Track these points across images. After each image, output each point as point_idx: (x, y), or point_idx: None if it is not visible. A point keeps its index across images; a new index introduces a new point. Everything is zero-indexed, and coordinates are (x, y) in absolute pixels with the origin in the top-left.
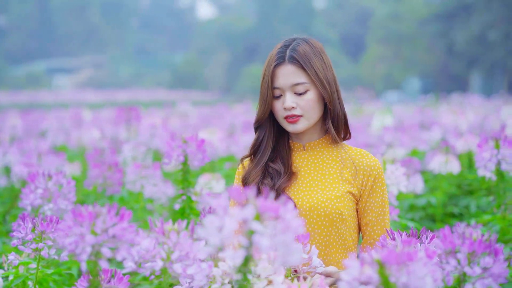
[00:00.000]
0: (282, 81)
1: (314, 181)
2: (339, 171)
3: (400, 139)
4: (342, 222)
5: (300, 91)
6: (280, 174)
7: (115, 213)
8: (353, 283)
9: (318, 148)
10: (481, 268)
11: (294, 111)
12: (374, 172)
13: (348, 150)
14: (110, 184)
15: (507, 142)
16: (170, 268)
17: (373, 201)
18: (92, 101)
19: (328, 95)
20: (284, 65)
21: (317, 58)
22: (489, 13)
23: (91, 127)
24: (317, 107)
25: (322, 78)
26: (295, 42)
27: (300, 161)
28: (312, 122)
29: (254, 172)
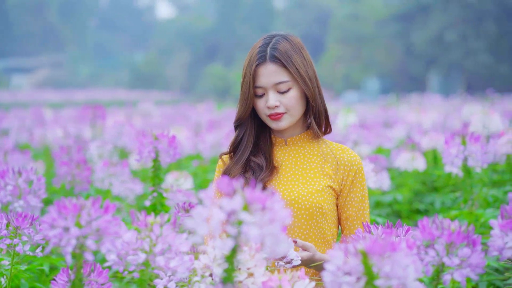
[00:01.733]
0: (264, 80)
1: (295, 175)
2: (320, 165)
3: (365, 137)
4: (322, 216)
5: (283, 90)
6: (262, 168)
7: (99, 206)
8: (337, 273)
9: (299, 143)
10: (459, 258)
11: (277, 109)
12: (354, 167)
13: (330, 145)
14: (78, 182)
15: (473, 139)
16: (153, 261)
17: (353, 196)
18: (51, 101)
19: (310, 91)
20: (265, 64)
21: (298, 55)
22: (447, 14)
23: (54, 126)
24: (300, 103)
25: (304, 75)
26: (275, 40)
27: (282, 155)
28: (295, 119)
29: (234, 168)
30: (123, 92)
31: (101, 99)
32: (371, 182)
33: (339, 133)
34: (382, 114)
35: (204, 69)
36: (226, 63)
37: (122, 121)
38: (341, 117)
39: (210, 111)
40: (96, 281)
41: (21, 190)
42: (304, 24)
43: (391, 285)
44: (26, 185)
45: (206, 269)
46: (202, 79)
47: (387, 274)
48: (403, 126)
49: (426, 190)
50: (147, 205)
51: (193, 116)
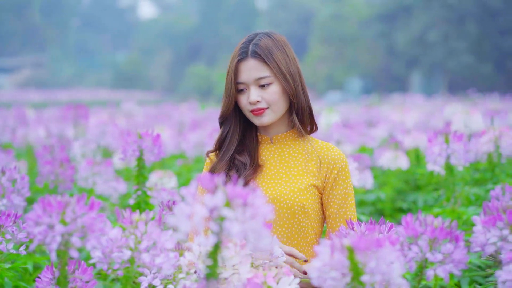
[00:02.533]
0: (245, 76)
1: (279, 174)
2: (304, 164)
3: (348, 136)
4: (304, 215)
5: (264, 85)
6: (245, 166)
7: (84, 203)
8: (323, 268)
9: (285, 141)
10: (442, 254)
11: (259, 105)
12: (338, 165)
13: (315, 143)
14: (61, 181)
15: (456, 137)
16: (138, 258)
17: (335, 193)
18: (34, 101)
19: (291, 88)
20: (247, 60)
21: (280, 51)
22: (429, 14)
23: (36, 126)
24: (282, 99)
25: (285, 71)
26: (258, 37)
27: (267, 153)
28: (278, 115)
29: (219, 165)
30: (105, 92)
31: (84, 99)
32: (355, 180)
33: (322, 133)
34: (365, 113)
35: (187, 69)
36: (209, 63)
37: (105, 120)
38: (324, 117)
39: (193, 110)
40: (81, 278)
41: (5, 188)
42: (287, 24)
43: (376, 280)
44: (9, 184)
45: (191, 266)
46: (185, 79)
47: (372, 269)
48: (386, 126)
49: (409, 188)
50: (131, 203)
51: (176, 116)
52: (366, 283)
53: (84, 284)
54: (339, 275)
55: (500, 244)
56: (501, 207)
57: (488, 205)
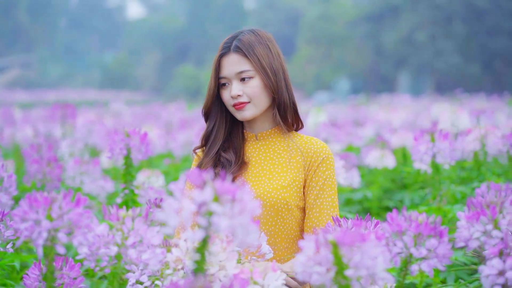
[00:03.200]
0: (227, 70)
1: (263, 171)
2: (288, 160)
3: (335, 135)
4: (288, 211)
5: (245, 79)
6: (230, 163)
7: (70, 199)
8: (308, 263)
9: (270, 138)
10: (427, 249)
11: (240, 99)
12: (320, 157)
13: (299, 139)
14: (49, 180)
15: (442, 136)
16: (125, 254)
17: (314, 184)
18: (21, 101)
19: (272, 83)
20: (229, 55)
21: (262, 46)
22: (416, 15)
23: (24, 125)
24: (263, 94)
25: (266, 65)
26: (242, 33)
27: (253, 150)
28: (260, 109)
29: (205, 161)
30: (93, 92)
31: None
32: (342, 178)
33: (310, 132)
34: (353, 113)
35: (175, 69)
36: (197, 63)
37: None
38: (311, 116)
39: (181, 110)
40: (68, 275)
41: None
42: (275, 25)
43: (361, 275)
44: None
45: (178, 262)
46: (173, 79)
47: (357, 264)
48: (373, 125)
49: (395, 187)
50: (118, 202)
51: (164, 116)
52: (351, 278)
53: (72, 281)
54: (324, 270)
55: (483, 239)
56: (485, 203)
57: (472, 201)
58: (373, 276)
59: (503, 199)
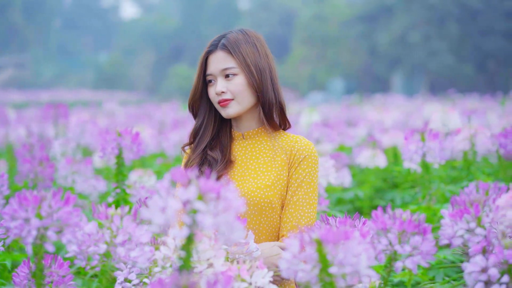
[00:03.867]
0: (212, 67)
1: (248, 170)
2: (273, 159)
3: (327, 135)
4: (271, 210)
5: (229, 76)
6: (217, 162)
7: (60, 198)
8: (293, 260)
9: (256, 137)
10: (411, 246)
11: (224, 96)
12: (302, 155)
13: (285, 137)
14: (41, 179)
15: (432, 135)
16: (114, 252)
17: (293, 181)
18: (15, 101)
19: (256, 81)
20: (215, 52)
21: (249, 45)
22: (410, 15)
23: (17, 125)
24: (247, 91)
25: (250, 63)
26: (230, 32)
27: (239, 149)
28: (244, 107)
29: (192, 157)
30: (87, 93)
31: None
32: (332, 178)
33: (302, 132)
34: (345, 113)
35: (169, 70)
36: (191, 64)
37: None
38: (304, 116)
39: (174, 110)
40: (57, 272)
41: None
42: (269, 25)
43: (345, 272)
44: None
45: (166, 260)
46: (167, 80)
47: (341, 261)
48: (365, 125)
49: (387, 186)
50: (110, 201)
51: (157, 115)
52: (335, 275)
53: (61, 279)
54: (308, 268)
55: (467, 236)
56: (469, 201)
57: (456, 198)
58: (357, 273)
59: (486, 197)
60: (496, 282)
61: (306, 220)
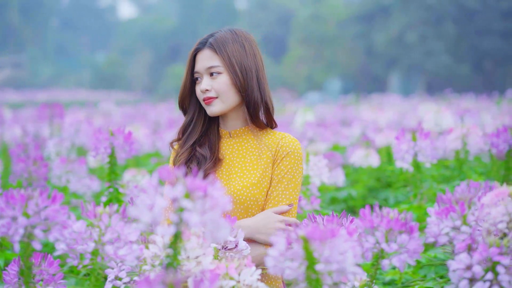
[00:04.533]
0: (199, 65)
1: (235, 168)
2: (259, 157)
3: (322, 134)
4: (257, 208)
5: (214, 74)
6: (206, 159)
7: (47, 196)
8: (279, 258)
9: (243, 135)
10: (398, 244)
11: (208, 93)
12: (285, 151)
13: (271, 135)
14: (35, 179)
15: (423, 135)
16: (102, 250)
17: (274, 176)
18: (12, 101)
19: (240, 81)
20: (202, 50)
21: (236, 44)
22: (407, 15)
23: (12, 125)
24: (231, 90)
25: (235, 63)
26: (219, 31)
27: (227, 148)
28: (227, 105)
29: (181, 152)
30: (84, 93)
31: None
32: (325, 177)
33: (297, 131)
34: (341, 113)
35: (166, 70)
36: None
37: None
38: (299, 116)
39: (170, 110)
40: (47, 271)
41: None
42: (266, 25)
43: (332, 269)
44: None
45: (156, 258)
46: (164, 79)
47: (327, 259)
48: (360, 124)
49: (380, 186)
50: (103, 200)
51: (152, 115)
52: (321, 272)
53: (51, 277)
54: (295, 265)
55: (452, 234)
56: (454, 199)
57: (442, 197)
58: (343, 270)
59: (472, 196)
60: (480, 280)
61: (285, 215)
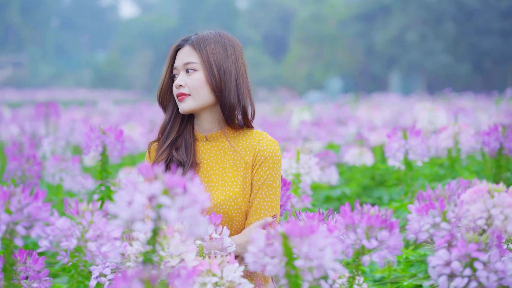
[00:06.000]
0: (177, 61)
1: (215, 176)
2: (239, 162)
3: (317, 133)
4: (241, 215)
5: (190, 71)
6: (183, 164)
7: (29, 193)
8: (258, 254)
9: (220, 139)
10: (378, 241)
11: (182, 90)
12: (263, 156)
13: (249, 136)
14: (28, 177)
15: (414, 133)
16: (85, 247)
17: (254, 182)
18: (11, 100)
19: (216, 81)
20: (183, 47)
21: (218, 45)
22: (407, 15)
23: (9, 124)
24: (204, 89)
25: (212, 62)
26: (205, 31)
27: (203, 151)
28: (199, 104)
29: (159, 152)
30: (84, 92)
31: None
32: (315, 175)
33: (292, 130)
34: (338, 112)
35: None
36: None
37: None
38: (295, 115)
39: None
40: (32, 268)
41: None
42: (266, 24)
43: (311, 265)
44: None
45: (140, 255)
46: None
47: (306, 255)
48: (355, 123)
49: (374, 184)
50: (95, 199)
51: (148, 114)
52: (301, 268)
53: (36, 274)
54: (275, 261)
55: (432, 231)
56: (434, 196)
57: (423, 194)
58: (322, 266)
59: (451, 193)
60: (459, 276)
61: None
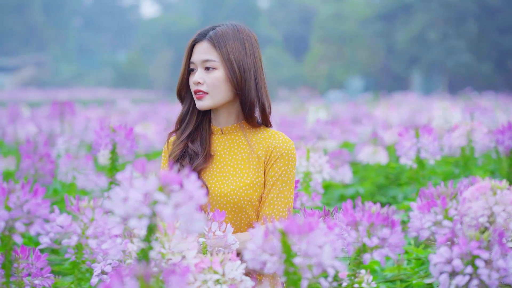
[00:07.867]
0: (196, 57)
1: (227, 166)
2: (251, 155)
3: (332, 132)
4: (251, 208)
5: (209, 69)
6: (197, 155)
7: (29, 189)
8: (257, 251)
9: (235, 132)
10: (380, 239)
11: (200, 87)
12: (278, 152)
13: (265, 133)
14: (41, 175)
15: (425, 131)
16: (86, 244)
17: (269, 178)
18: (33, 100)
19: (237, 79)
20: (201, 42)
21: (237, 42)
22: (428, 14)
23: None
24: (224, 87)
25: (232, 59)
26: (222, 25)
27: (218, 144)
28: (217, 102)
29: (176, 144)
30: (105, 91)
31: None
32: (326, 174)
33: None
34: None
35: None
36: None
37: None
38: (311, 114)
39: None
40: (35, 264)
41: None
42: (287, 24)
43: (310, 263)
44: None
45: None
46: None
47: (304, 252)
48: (371, 121)
49: (389, 183)
50: (106, 196)
51: (164, 113)
52: (299, 265)
53: (38, 271)
54: (273, 258)
55: (434, 229)
56: (436, 194)
57: (425, 191)
58: (321, 264)
59: (454, 190)
60: (460, 273)
61: (280, 218)
